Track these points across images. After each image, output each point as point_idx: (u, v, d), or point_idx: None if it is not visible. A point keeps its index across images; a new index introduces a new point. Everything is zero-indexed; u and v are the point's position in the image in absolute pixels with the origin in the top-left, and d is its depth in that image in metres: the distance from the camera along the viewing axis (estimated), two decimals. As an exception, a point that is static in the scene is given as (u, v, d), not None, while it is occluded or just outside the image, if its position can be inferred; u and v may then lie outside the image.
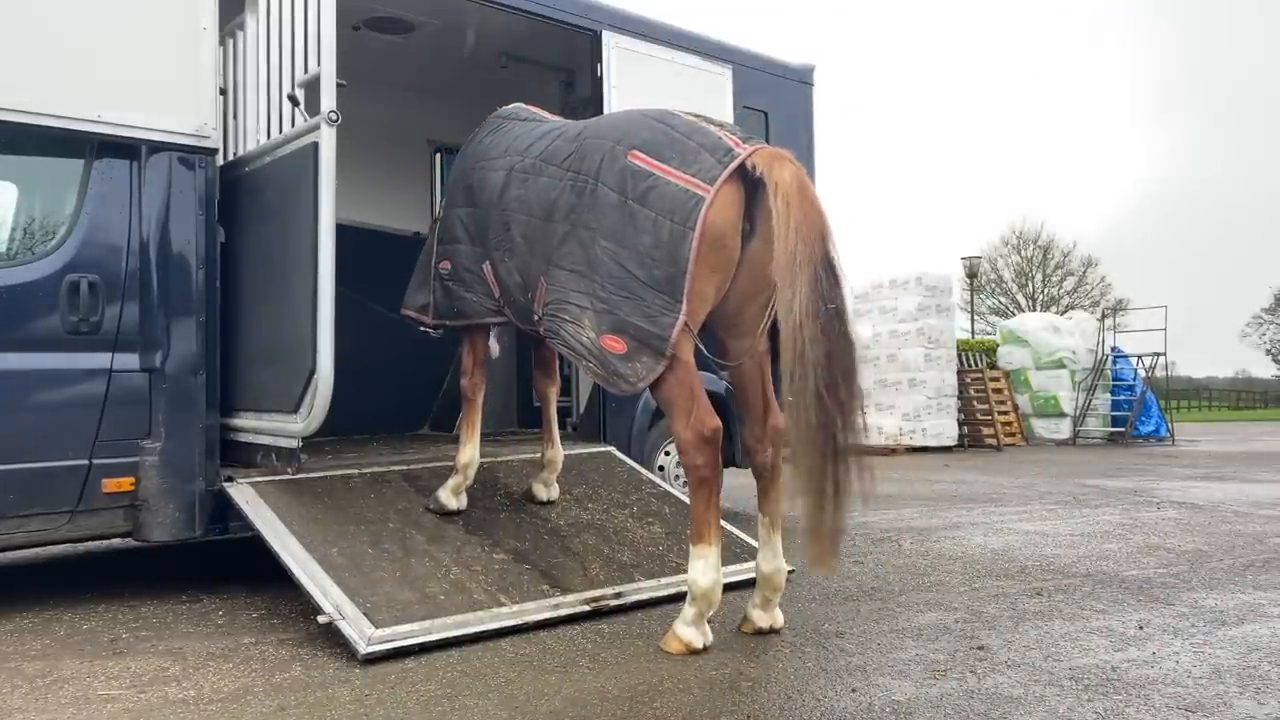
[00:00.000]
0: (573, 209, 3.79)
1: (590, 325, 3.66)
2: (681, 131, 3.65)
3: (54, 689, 3.13)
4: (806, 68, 7.36)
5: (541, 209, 3.94)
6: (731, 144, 3.55)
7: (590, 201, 3.71)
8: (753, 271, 3.59)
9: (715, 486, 3.54)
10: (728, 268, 3.56)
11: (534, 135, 4.26)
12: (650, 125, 3.73)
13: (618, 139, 3.74)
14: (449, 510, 4.50)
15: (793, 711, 2.89)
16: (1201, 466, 12.52)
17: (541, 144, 4.14)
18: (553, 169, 3.95)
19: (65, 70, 4.15)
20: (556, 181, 3.90)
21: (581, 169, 3.80)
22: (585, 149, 3.85)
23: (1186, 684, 3.14)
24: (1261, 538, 6.19)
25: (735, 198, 3.51)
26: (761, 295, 3.63)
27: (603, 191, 3.67)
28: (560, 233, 3.83)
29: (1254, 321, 53.67)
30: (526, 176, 4.08)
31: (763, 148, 3.58)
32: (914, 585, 4.70)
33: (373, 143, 7.01)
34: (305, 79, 4.42)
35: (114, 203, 4.33)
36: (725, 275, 3.57)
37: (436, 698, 3.02)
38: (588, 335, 3.67)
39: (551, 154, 4.03)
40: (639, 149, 3.63)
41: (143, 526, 4.30)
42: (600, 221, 3.65)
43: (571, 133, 4.10)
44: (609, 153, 3.71)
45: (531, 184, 4.04)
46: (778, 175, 3.43)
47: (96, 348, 4.24)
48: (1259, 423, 32.48)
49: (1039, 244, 44.84)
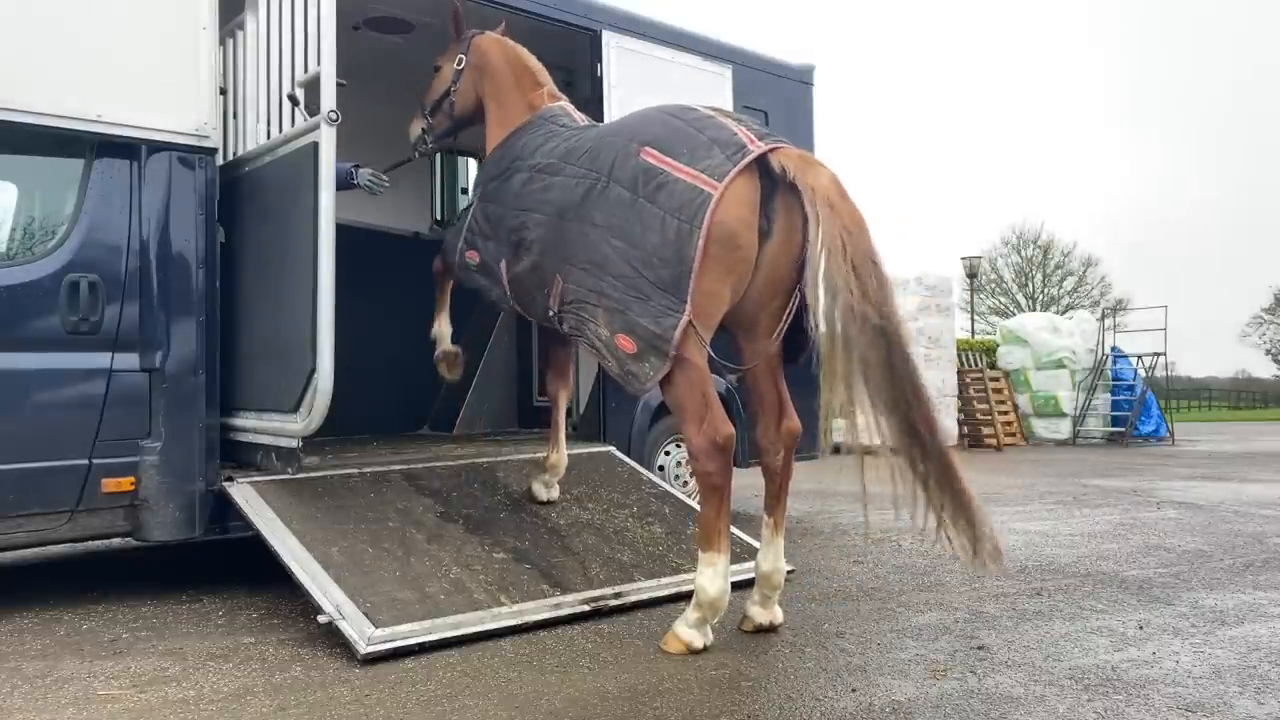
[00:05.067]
0: (587, 206, 3.77)
1: (604, 323, 3.65)
2: (695, 126, 3.59)
3: (54, 689, 3.13)
4: (806, 68, 7.36)
5: (557, 207, 3.93)
6: (746, 140, 3.47)
7: (604, 199, 3.69)
8: (769, 273, 3.53)
9: (726, 494, 3.51)
10: (742, 268, 3.48)
11: (560, 136, 4.26)
12: (665, 121, 3.69)
13: (631, 135, 3.72)
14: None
15: (793, 711, 2.89)
16: (1201, 466, 12.52)
17: (564, 144, 4.14)
18: (570, 167, 3.94)
19: (65, 70, 4.15)
20: (572, 179, 3.89)
21: (595, 166, 3.79)
22: (600, 146, 3.84)
23: (1186, 684, 3.14)
24: (1261, 537, 6.19)
25: (748, 196, 3.43)
26: (779, 298, 3.58)
27: (615, 189, 3.65)
28: (575, 230, 3.82)
29: (1254, 321, 53.70)
30: (545, 175, 4.08)
31: (785, 147, 3.51)
32: (914, 585, 4.70)
33: (373, 143, 7.00)
34: (305, 78, 4.42)
35: (114, 202, 4.33)
36: (741, 276, 3.50)
37: (436, 697, 3.02)
38: (604, 333, 3.66)
39: (569, 152, 4.03)
40: (651, 145, 3.60)
41: (143, 526, 4.30)
42: (612, 220, 3.63)
43: (592, 131, 4.12)
44: (622, 150, 3.69)
45: (549, 183, 4.04)
46: (813, 180, 3.35)
47: (96, 347, 4.24)
48: (1259, 423, 32.48)
49: (1039, 244, 44.88)
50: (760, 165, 3.46)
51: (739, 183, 3.41)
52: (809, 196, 3.33)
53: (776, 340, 3.68)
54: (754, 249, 3.49)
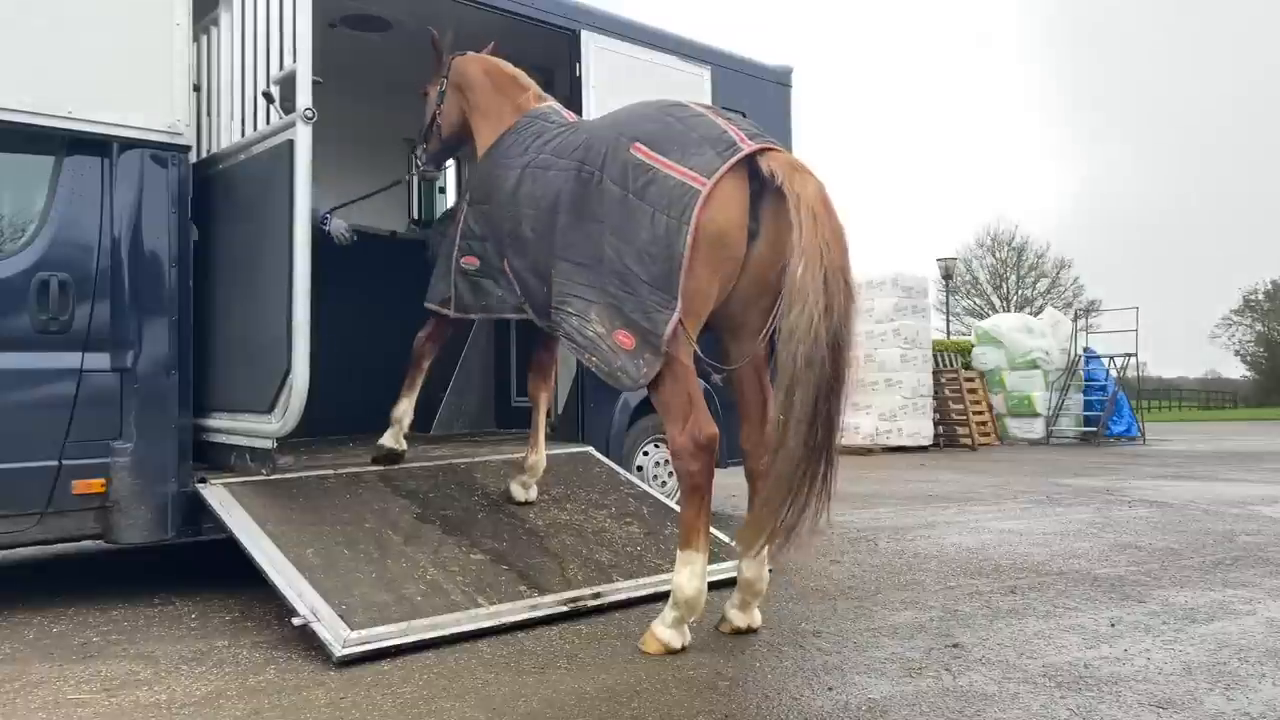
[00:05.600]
0: (577, 200, 3.77)
1: (598, 319, 3.63)
2: (687, 124, 3.59)
3: (23, 693, 3.08)
4: (784, 69, 7.39)
5: (549, 202, 3.93)
6: (737, 138, 3.47)
7: (597, 194, 3.68)
8: (756, 273, 3.53)
9: (707, 494, 3.52)
10: (730, 266, 3.49)
11: (551, 132, 4.26)
12: (656, 117, 3.70)
13: (622, 131, 3.71)
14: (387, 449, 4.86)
15: (770, 711, 2.90)
16: (1172, 465, 12.70)
17: (554, 140, 4.14)
18: (562, 162, 3.94)
19: (35, 66, 4.08)
20: (563, 174, 3.89)
21: (587, 160, 3.78)
22: (592, 140, 3.84)
23: (1158, 681, 3.18)
24: (1231, 536, 6.29)
25: (737, 194, 3.44)
26: (765, 299, 3.57)
27: (607, 185, 3.64)
28: (565, 224, 3.81)
29: (1223, 323, 54.59)
30: (537, 172, 4.08)
31: (776, 149, 3.52)
32: (890, 584, 4.73)
33: (349, 141, 6.95)
34: (281, 76, 4.37)
35: (85, 200, 4.26)
36: (728, 274, 3.51)
37: (413, 700, 3.00)
38: (595, 330, 3.64)
39: (560, 148, 4.03)
40: (642, 141, 3.60)
41: (114, 528, 4.24)
42: (605, 215, 3.62)
43: (584, 127, 4.12)
44: (613, 145, 3.69)
45: (541, 178, 4.03)
46: (800, 187, 3.36)
47: (66, 347, 4.17)
48: (1228, 422, 32.99)
49: (1013, 246, 45.36)
50: (750, 166, 3.47)
51: (728, 181, 3.41)
52: (794, 203, 3.34)
53: (763, 341, 3.67)
54: (742, 247, 3.49)
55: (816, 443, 3.28)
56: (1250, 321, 54.03)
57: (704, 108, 3.75)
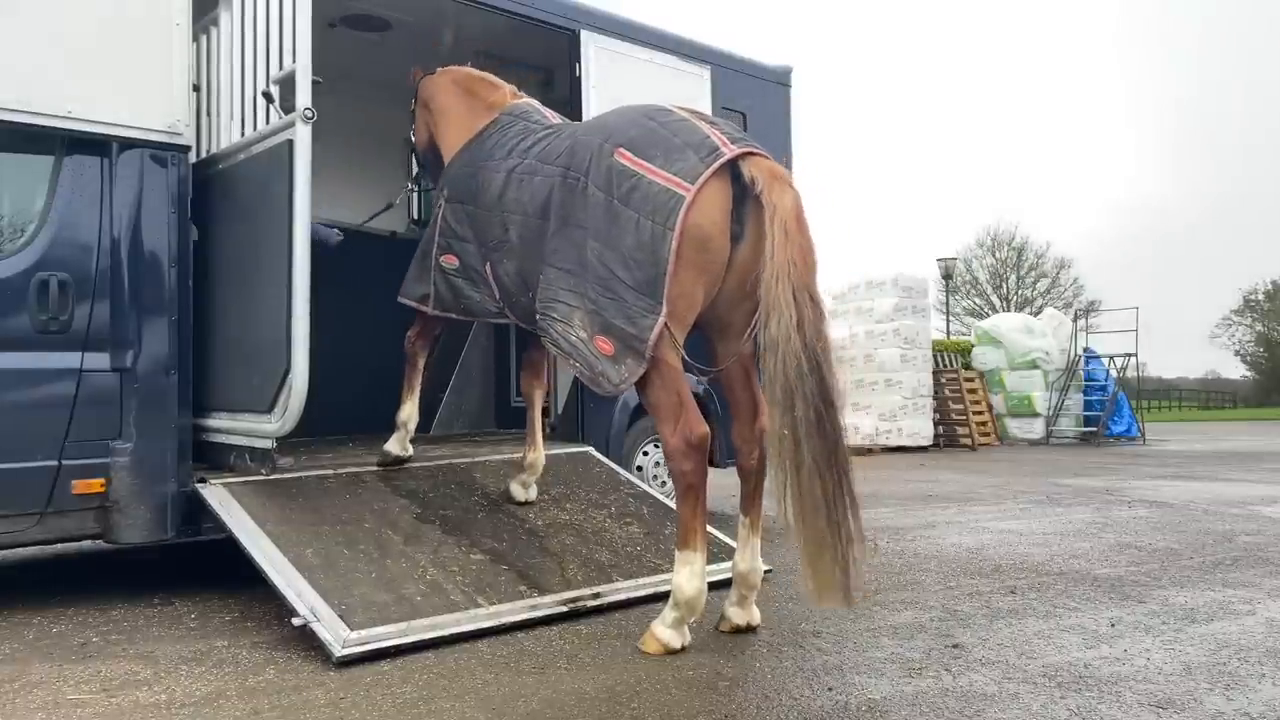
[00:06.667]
0: (563, 206, 3.78)
1: (581, 325, 3.64)
2: (669, 129, 3.60)
3: (23, 693, 3.08)
4: (784, 69, 7.39)
5: (535, 208, 3.94)
6: (719, 142, 3.49)
7: (581, 200, 3.70)
8: (741, 275, 3.54)
9: (702, 493, 3.53)
10: (715, 269, 3.51)
11: (534, 136, 4.26)
12: (639, 122, 3.70)
13: (606, 136, 3.72)
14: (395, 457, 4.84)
15: (770, 711, 2.90)
16: (1171, 465, 12.70)
17: (540, 145, 4.14)
18: (547, 167, 3.96)
19: (35, 66, 4.08)
20: (548, 179, 3.90)
21: (572, 165, 3.80)
22: (576, 146, 3.85)
23: (1157, 681, 3.18)
24: (1230, 536, 6.28)
25: (720, 199, 3.46)
26: (749, 301, 3.57)
27: (591, 190, 3.66)
28: (551, 230, 3.81)
29: (1223, 323, 54.56)
30: (523, 177, 4.08)
31: (757, 154, 3.53)
32: (890, 584, 4.73)
33: (349, 141, 6.95)
34: (280, 76, 4.37)
35: (84, 200, 4.26)
36: (713, 277, 3.53)
37: (412, 700, 3.00)
38: (577, 335, 3.66)
39: (546, 153, 4.04)
40: (625, 147, 3.61)
41: (114, 528, 4.24)
42: (589, 221, 3.63)
43: (567, 130, 4.12)
44: (597, 150, 3.70)
45: (527, 184, 4.04)
46: (778, 199, 3.37)
47: (66, 347, 4.18)
48: (1228, 423, 32.99)
49: (1013, 246, 45.35)
50: (733, 169, 3.48)
51: (711, 185, 3.43)
52: (770, 213, 3.37)
53: (749, 341, 3.69)
54: (726, 251, 3.52)
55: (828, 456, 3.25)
56: (1250, 322, 54.06)
57: (687, 112, 3.76)
